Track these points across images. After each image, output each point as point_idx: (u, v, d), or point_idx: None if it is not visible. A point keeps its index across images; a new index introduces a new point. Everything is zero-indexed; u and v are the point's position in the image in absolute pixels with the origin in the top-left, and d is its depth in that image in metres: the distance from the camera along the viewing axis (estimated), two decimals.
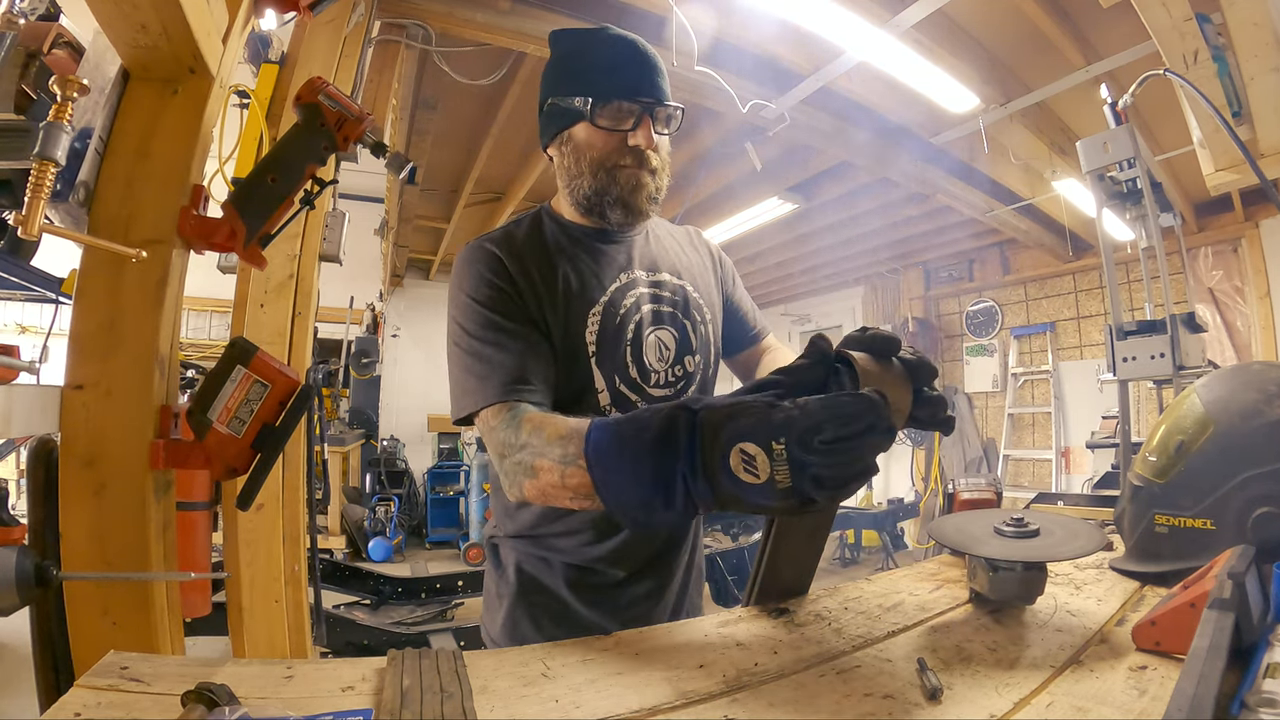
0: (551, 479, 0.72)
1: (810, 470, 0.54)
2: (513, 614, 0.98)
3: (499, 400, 0.84)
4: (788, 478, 0.54)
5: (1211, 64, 1.88)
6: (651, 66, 0.95)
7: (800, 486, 0.54)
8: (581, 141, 0.95)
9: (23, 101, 0.99)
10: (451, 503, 6.42)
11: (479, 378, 0.86)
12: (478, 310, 0.89)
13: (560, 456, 0.71)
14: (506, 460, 0.80)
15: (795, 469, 0.54)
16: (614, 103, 0.92)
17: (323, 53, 2.06)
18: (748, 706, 0.53)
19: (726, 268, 1.16)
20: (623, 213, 0.96)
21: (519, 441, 0.78)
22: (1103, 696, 0.53)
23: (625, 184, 0.94)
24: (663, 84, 0.96)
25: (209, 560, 1.27)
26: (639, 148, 0.93)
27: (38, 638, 0.87)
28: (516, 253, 0.94)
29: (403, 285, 7.73)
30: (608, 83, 0.93)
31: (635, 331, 0.97)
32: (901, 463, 6.88)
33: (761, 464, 0.55)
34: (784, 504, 0.55)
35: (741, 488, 0.56)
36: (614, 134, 0.93)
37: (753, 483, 0.56)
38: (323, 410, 4.37)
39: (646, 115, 0.93)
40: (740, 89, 2.92)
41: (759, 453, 0.55)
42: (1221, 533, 0.74)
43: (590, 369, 0.93)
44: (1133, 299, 4.02)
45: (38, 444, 0.88)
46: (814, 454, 0.53)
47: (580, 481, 0.69)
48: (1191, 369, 1.41)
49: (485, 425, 0.85)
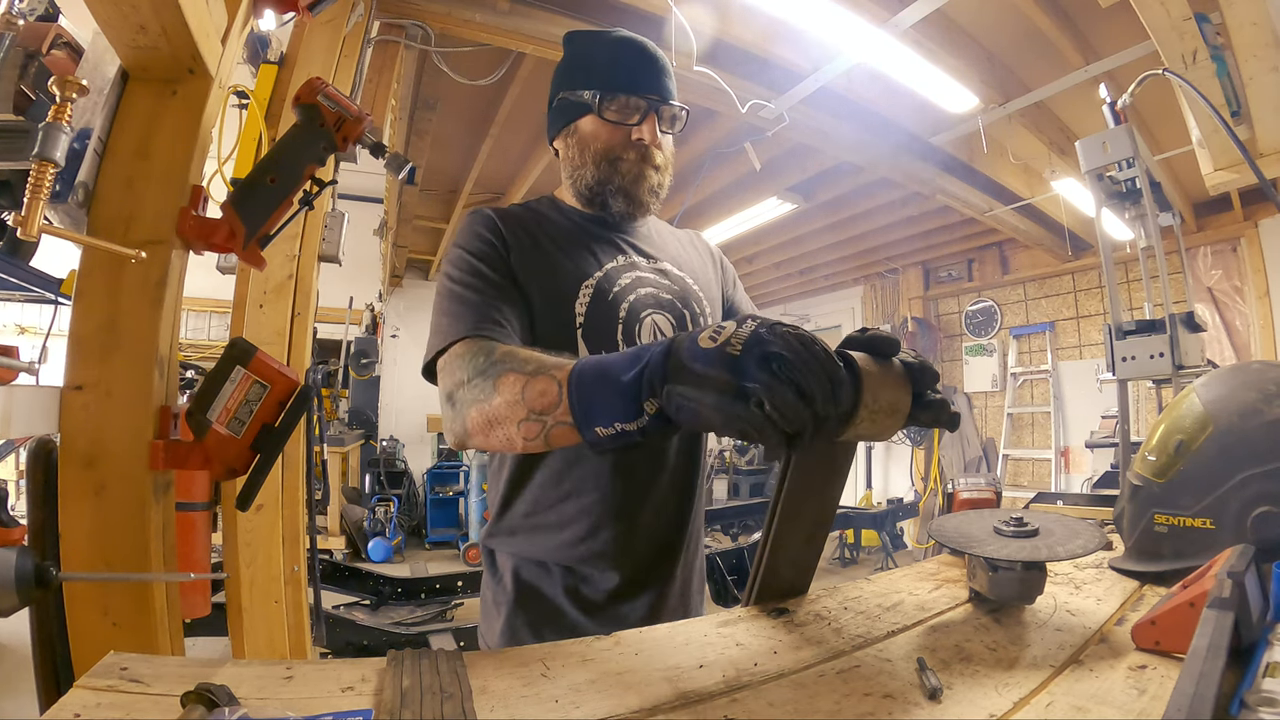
0: (511, 394, 0.70)
1: (764, 348, 0.54)
2: (511, 623, 0.95)
3: (470, 335, 0.83)
4: (740, 346, 0.54)
5: (1210, 64, 1.88)
6: (660, 67, 0.98)
7: (745, 360, 0.54)
8: (587, 133, 0.97)
9: (22, 102, 0.99)
10: (451, 503, 6.42)
11: (453, 316, 0.86)
12: (465, 259, 0.91)
13: (534, 369, 0.70)
14: (461, 389, 0.78)
15: (752, 340, 0.54)
16: (621, 97, 0.95)
17: (322, 53, 2.06)
18: (748, 706, 0.53)
19: (728, 270, 1.17)
20: (624, 201, 0.98)
21: (487, 364, 0.76)
22: (1102, 696, 0.53)
23: (627, 174, 0.97)
24: (669, 84, 0.99)
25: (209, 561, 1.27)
26: (643, 142, 0.95)
27: (38, 638, 0.87)
28: (515, 220, 0.96)
29: (402, 285, 7.73)
30: (616, 78, 0.96)
31: (629, 311, 0.95)
32: (901, 462, 6.88)
33: (725, 333, 0.56)
34: (721, 374, 0.54)
35: (695, 354, 0.56)
36: (620, 127, 0.96)
37: (706, 347, 0.56)
38: (322, 410, 4.37)
39: (652, 111, 0.96)
40: (739, 89, 2.92)
41: (730, 325, 0.57)
42: (1221, 532, 0.74)
43: (576, 342, 0.91)
44: (1132, 299, 4.03)
45: (37, 445, 0.88)
46: (777, 338, 0.54)
47: (544, 389, 0.67)
48: (1191, 368, 1.41)
49: (450, 357, 0.83)
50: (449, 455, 6.89)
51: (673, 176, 1.04)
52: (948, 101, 3.14)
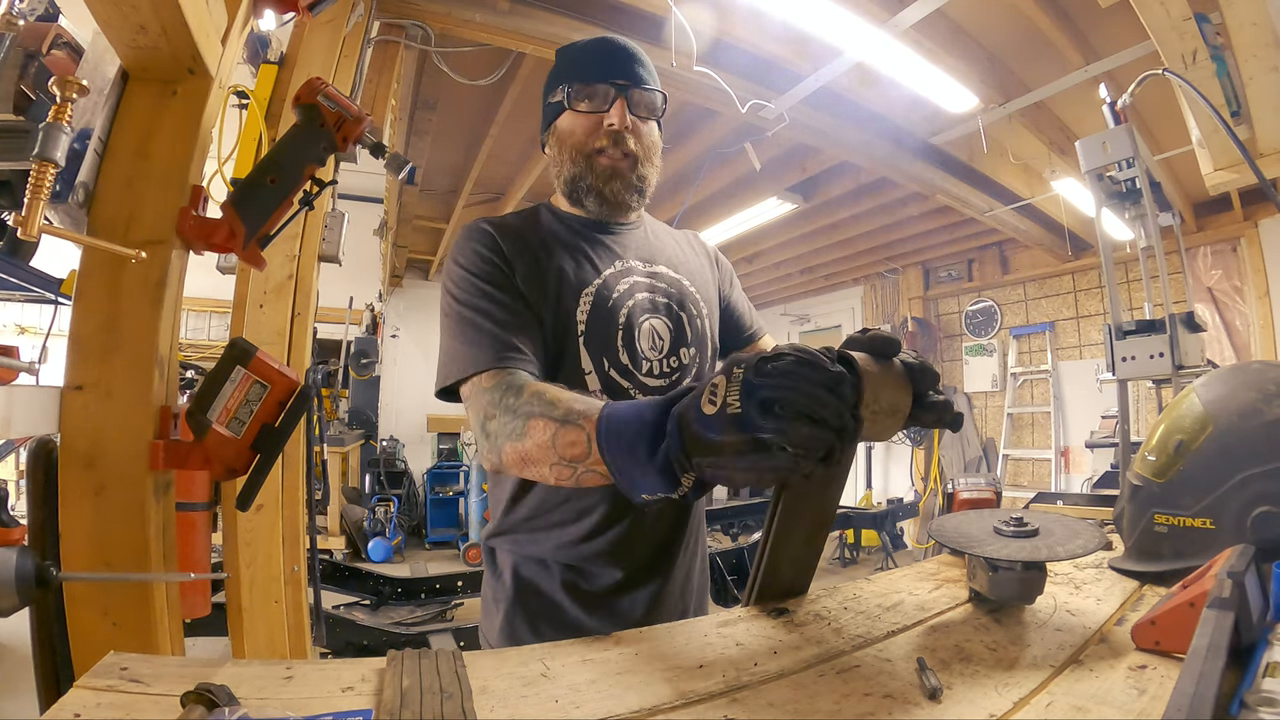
0: (542, 438, 0.73)
1: (759, 395, 0.54)
2: (510, 619, 0.96)
3: (494, 366, 0.85)
4: (737, 402, 0.55)
5: (1210, 64, 1.88)
6: (628, 54, 0.99)
7: (748, 413, 0.54)
8: (564, 130, 0.99)
9: (22, 102, 0.99)
10: (451, 503, 6.42)
11: (470, 344, 0.87)
12: (470, 280, 0.92)
13: (562, 415, 0.72)
14: (493, 421, 0.80)
15: (745, 392, 0.55)
16: (589, 86, 0.97)
17: (322, 53, 2.06)
18: (748, 706, 0.53)
19: (724, 269, 1.17)
20: (596, 201, 0.99)
21: (516, 403, 0.78)
22: (1102, 696, 0.53)
23: (600, 172, 0.98)
24: (641, 71, 0.99)
25: (209, 561, 1.27)
26: (613, 127, 0.96)
27: (38, 638, 0.87)
28: (512, 233, 0.97)
29: (402, 285, 7.72)
30: (585, 71, 0.98)
31: (628, 317, 0.97)
32: (901, 462, 6.88)
33: (720, 390, 0.57)
34: (733, 436, 0.55)
35: (703, 422, 0.57)
36: (590, 116, 0.97)
37: (710, 413, 0.56)
38: (322, 411, 4.36)
39: (621, 96, 0.96)
40: (739, 89, 2.92)
41: (721, 380, 0.57)
42: (1221, 532, 0.75)
43: (578, 350, 0.93)
44: (1132, 298, 4.03)
45: (37, 445, 0.88)
46: (765, 378, 0.54)
47: (574, 440, 0.69)
48: (1190, 368, 1.41)
49: (475, 388, 0.85)
50: (449, 455, 6.89)
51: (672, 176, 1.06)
52: (948, 101, 3.13)
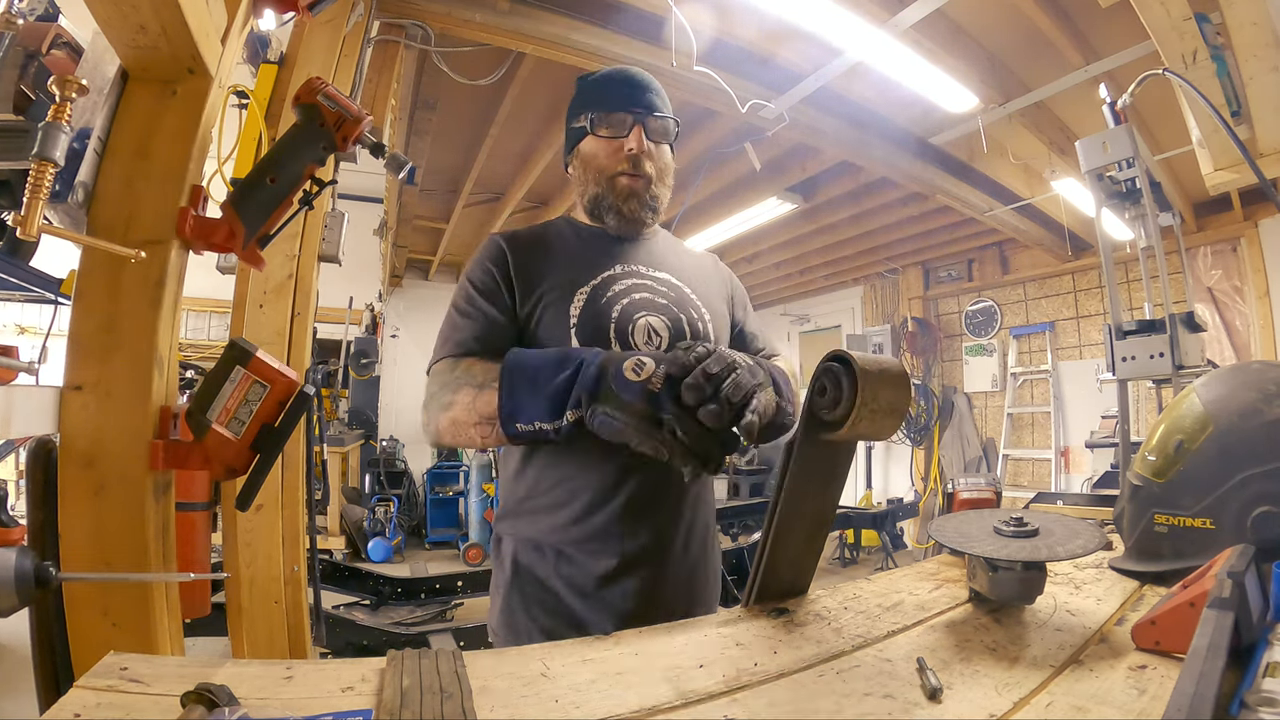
0: (465, 400, 0.87)
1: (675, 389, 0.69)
2: (508, 602, 1.00)
3: (450, 355, 0.97)
4: (658, 385, 0.70)
5: (1210, 63, 1.88)
6: (644, 85, 1.10)
7: (662, 397, 0.69)
8: (587, 154, 1.10)
9: (21, 102, 0.99)
10: (451, 503, 6.41)
11: (443, 339, 1.01)
12: (468, 290, 1.03)
13: (482, 381, 0.86)
14: (433, 398, 0.94)
15: (667, 382, 0.70)
16: (610, 114, 1.08)
17: (322, 53, 2.06)
18: (748, 706, 0.53)
19: (739, 294, 1.22)
20: (616, 219, 1.09)
21: (449, 379, 0.92)
22: (1102, 696, 0.53)
23: (620, 192, 1.07)
24: (655, 100, 1.10)
25: (209, 561, 1.26)
26: (633, 152, 1.05)
27: (37, 638, 0.87)
28: (524, 244, 1.06)
29: (402, 285, 7.72)
30: (606, 100, 1.09)
31: (622, 312, 1.01)
32: (901, 462, 6.88)
33: (646, 370, 0.71)
34: (641, 405, 0.70)
35: (622, 384, 0.71)
36: (611, 141, 1.07)
37: (632, 380, 0.70)
38: (322, 410, 4.36)
39: (639, 124, 1.07)
40: (739, 89, 2.91)
41: (650, 360, 0.72)
42: (1221, 532, 0.75)
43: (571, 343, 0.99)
44: (1132, 299, 4.03)
45: (37, 445, 0.88)
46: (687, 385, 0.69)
47: (489, 399, 0.83)
48: (1190, 368, 1.41)
49: (431, 375, 0.99)
50: (449, 455, 6.87)
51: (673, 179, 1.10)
52: (948, 101, 3.13)
